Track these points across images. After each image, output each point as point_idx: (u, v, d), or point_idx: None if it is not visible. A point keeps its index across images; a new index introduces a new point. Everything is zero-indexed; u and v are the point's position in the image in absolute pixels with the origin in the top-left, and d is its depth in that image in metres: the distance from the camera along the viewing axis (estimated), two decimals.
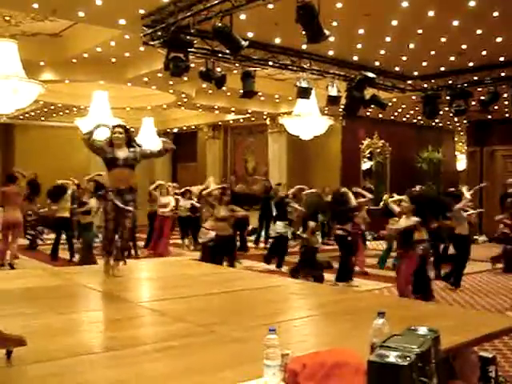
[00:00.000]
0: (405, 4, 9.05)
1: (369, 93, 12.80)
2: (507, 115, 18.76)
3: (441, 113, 14.20)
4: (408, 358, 2.20)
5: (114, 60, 13.38)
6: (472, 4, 9.00)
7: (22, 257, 12.47)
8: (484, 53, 11.82)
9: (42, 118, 20.93)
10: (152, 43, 10.33)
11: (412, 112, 18.64)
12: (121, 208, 6.01)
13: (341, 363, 2.62)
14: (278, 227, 12.33)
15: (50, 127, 21.66)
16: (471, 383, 3.40)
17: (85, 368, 2.93)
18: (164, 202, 14.22)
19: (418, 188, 13.27)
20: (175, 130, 24.00)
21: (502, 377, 3.96)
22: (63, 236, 12.94)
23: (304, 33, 7.79)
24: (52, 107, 18.52)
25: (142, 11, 9.66)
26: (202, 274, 6.54)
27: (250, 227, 16.62)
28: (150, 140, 19.77)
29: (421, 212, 8.36)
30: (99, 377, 2.81)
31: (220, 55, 11.03)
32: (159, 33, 9.94)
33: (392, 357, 2.20)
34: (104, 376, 2.82)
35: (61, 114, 19.95)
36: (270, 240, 13.57)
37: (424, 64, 12.98)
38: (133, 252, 13.18)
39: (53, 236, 13.74)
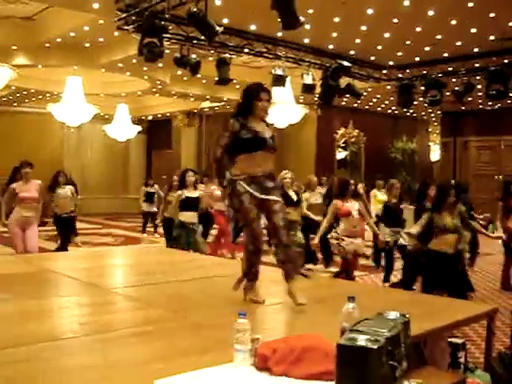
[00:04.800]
0: None
1: (344, 82, 12.81)
2: (481, 106, 18.98)
3: (415, 103, 14.29)
4: (377, 342, 2.21)
5: (87, 45, 13.21)
6: None
7: None
8: (459, 43, 11.90)
9: (15, 104, 20.63)
10: (126, 28, 10.18)
11: (387, 102, 18.71)
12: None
13: (311, 347, 2.63)
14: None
15: (22, 113, 21.35)
16: (441, 369, 3.44)
17: (55, 354, 2.91)
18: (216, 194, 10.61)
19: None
20: (150, 118, 23.85)
21: (472, 363, 4.01)
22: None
23: (279, 19, 7.75)
24: (24, 92, 18.26)
25: None
26: (177, 261, 6.52)
27: None
28: (124, 127, 19.83)
29: None
30: (70, 362, 2.78)
31: (195, 41, 10.92)
32: (133, 17, 9.79)
33: (361, 340, 2.21)
34: (74, 362, 2.79)
35: (33, 99, 19.69)
36: None
37: (399, 54, 13.04)
38: None
39: None
